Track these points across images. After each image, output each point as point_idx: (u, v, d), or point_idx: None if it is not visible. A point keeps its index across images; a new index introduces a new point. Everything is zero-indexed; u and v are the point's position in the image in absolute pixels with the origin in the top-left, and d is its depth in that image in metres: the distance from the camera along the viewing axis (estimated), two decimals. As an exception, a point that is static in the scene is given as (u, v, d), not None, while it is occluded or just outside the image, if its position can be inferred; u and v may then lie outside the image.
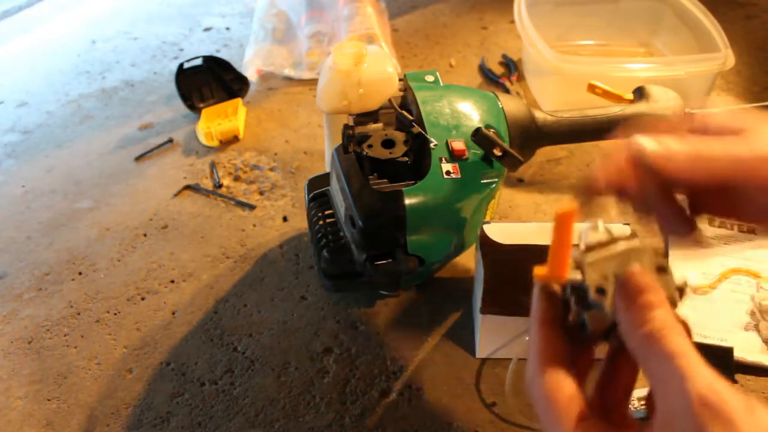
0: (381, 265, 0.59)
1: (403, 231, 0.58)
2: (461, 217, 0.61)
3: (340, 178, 0.60)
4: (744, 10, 1.18)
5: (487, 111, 0.64)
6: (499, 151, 0.58)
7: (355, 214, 0.58)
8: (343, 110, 0.65)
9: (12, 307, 0.73)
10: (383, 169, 0.59)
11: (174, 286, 0.74)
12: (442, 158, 0.59)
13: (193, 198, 0.85)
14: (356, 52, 0.64)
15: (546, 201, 0.81)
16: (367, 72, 0.64)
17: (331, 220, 0.65)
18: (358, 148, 0.59)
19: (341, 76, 0.63)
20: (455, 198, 0.59)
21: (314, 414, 0.60)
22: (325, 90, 0.66)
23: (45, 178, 0.91)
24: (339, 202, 0.63)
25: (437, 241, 0.62)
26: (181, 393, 0.63)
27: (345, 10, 1.13)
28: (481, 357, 0.64)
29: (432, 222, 0.59)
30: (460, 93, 0.65)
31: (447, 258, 0.67)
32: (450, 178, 0.58)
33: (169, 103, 1.03)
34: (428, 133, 0.60)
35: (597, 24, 1.05)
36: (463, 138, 0.60)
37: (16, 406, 0.63)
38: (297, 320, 0.69)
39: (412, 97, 0.63)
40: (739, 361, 0.61)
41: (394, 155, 0.58)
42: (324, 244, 0.64)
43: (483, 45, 1.12)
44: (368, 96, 0.64)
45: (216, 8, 1.32)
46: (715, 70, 0.83)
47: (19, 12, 1.37)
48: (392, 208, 0.57)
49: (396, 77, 0.65)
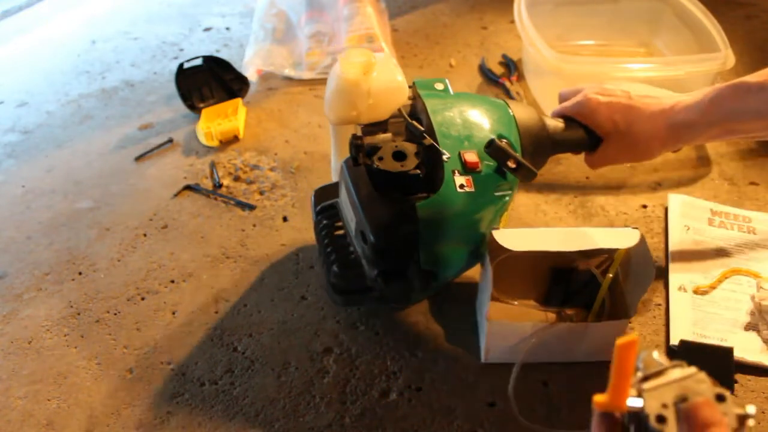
0: (393, 281, 0.58)
1: (416, 246, 0.57)
2: (476, 231, 0.59)
3: (350, 191, 0.59)
4: (744, 10, 1.18)
5: (499, 120, 0.62)
6: (513, 163, 0.56)
7: (366, 229, 0.56)
8: (352, 121, 0.63)
9: (12, 307, 0.73)
10: (394, 182, 0.57)
11: (174, 286, 0.74)
12: (455, 171, 0.57)
13: (193, 198, 0.85)
14: (365, 60, 0.62)
15: (546, 201, 0.81)
16: (377, 81, 0.62)
17: (340, 233, 0.63)
18: (369, 160, 0.57)
19: (350, 86, 0.62)
20: (469, 212, 0.57)
21: (314, 414, 0.60)
22: (333, 100, 0.64)
23: (45, 178, 0.91)
24: (349, 216, 0.61)
25: (451, 256, 0.60)
26: (181, 393, 0.63)
27: (345, 10, 1.13)
28: (487, 362, 0.63)
29: (446, 237, 0.58)
30: (470, 101, 0.63)
31: (460, 271, 0.66)
32: (464, 192, 0.56)
33: (169, 103, 1.03)
34: (440, 144, 0.58)
35: (597, 24, 1.05)
36: (476, 149, 0.58)
37: (16, 406, 0.63)
38: (297, 320, 0.69)
39: (421, 105, 0.62)
40: (739, 361, 0.61)
41: (406, 168, 0.56)
42: (334, 259, 0.62)
43: (483, 45, 1.12)
44: (378, 106, 0.62)
45: (216, 8, 1.32)
46: (715, 70, 0.83)
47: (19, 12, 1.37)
48: (405, 223, 0.55)
49: (406, 86, 0.63)
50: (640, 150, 0.66)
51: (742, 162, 0.85)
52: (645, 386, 0.34)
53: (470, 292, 0.69)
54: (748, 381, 0.61)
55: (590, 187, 0.83)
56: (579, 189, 0.82)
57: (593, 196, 0.81)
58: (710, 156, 0.86)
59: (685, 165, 0.85)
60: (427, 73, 1.07)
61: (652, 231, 0.76)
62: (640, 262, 0.62)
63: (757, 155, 0.86)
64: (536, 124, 0.64)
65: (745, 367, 0.61)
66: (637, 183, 0.83)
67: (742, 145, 0.88)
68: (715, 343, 0.63)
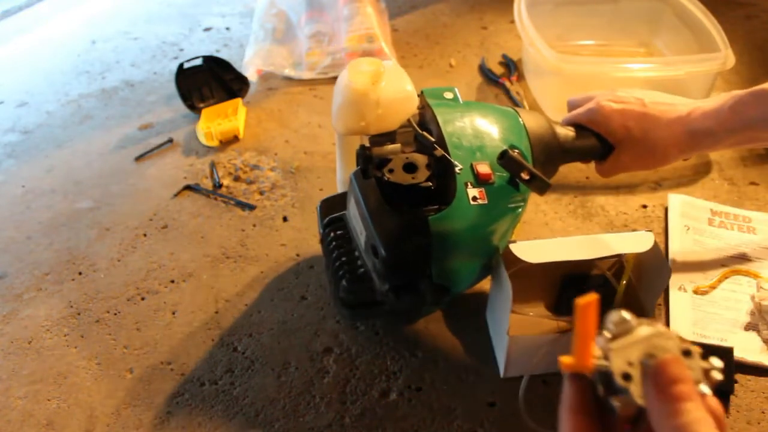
0: (405, 296, 0.56)
1: (429, 260, 0.55)
2: (489, 244, 0.58)
3: (360, 204, 0.57)
4: (744, 10, 1.18)
5: (509, 129, 0.60)
6: (526, 175, 0.55)
7: (377, 243, 0.54)
8: (360, 131, 0.61)
9: (12, 307, 0.73)
10: (405, 195, 0.55)
11: (174, 286, 0.74)
12: (467, 183, 0.56)
13: (193, 198, 0.85)
14: (374, 70, 0.61)
15: (546, 201, 0.81)
16: (386, 91, 0.60)
17: (348, 246, 0.62)
18: (379, 172, 0.55)
19: (358, 96, 0.60)
20: (482, 225, 0.56)
21: (314, 414, 0.60)
22: (341, 110, 0.62)
23: (45, 178, 0.91)
24: (358, 229, 0.59)
25: (463, 270, 0.59)
26: (181, 393, 0.63)
27: (345, 10, 1.13)
28: (508, 377, 0.62)
29: (459, 250, 0.56)
30: (480, 111, 0.62)
31: (472, 284, 0.65)
32: (477, 204, 0.55)
33: (169, 103, 1.03)
34: (451, 155, 0.56)
35: (597, 24, 1.05)
36: (488, 160, 0.57)
37: (16, 406, 0.63)
38: (297, 320, 0.69)
39: (431, 115, 0.60)
40: (739, 361, 0.61)
41: (417, 180, 0.55)
42: (343, 273, 0.60)
43: (483, 45, 1.12)
44: (387, 116, 0.60)
45: (216, 8, 1.32)
46: (715, 70, 0.83)
47: (19, 12, 1.37)
48: (417, 237, 0.54)
49: (415, 96, 0.62)
50: (657, 157, 0.65)
51: (742, 162, 0.85)
52: (612, 345, 0.34)
53: (470, 291, 0.69)
54: (748, 381, 0.61)
55: (590, 187, 0.83)
56: (579, 189, 0.82)
57: (593, 196, 0.81)
58: (710, 156, 0.86)
59: (685, 165, 0.85)
60: (427, 73, 1.07)
61: (652, 231, 0.76)
62: (652, 264, 0.61)
63: (757, 155, 0.86)
64: (547, 132, 0.63)
65: (745, 367, 0.61)
66: (637, 183, 0.83)
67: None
68: (715, 343, 0.63)
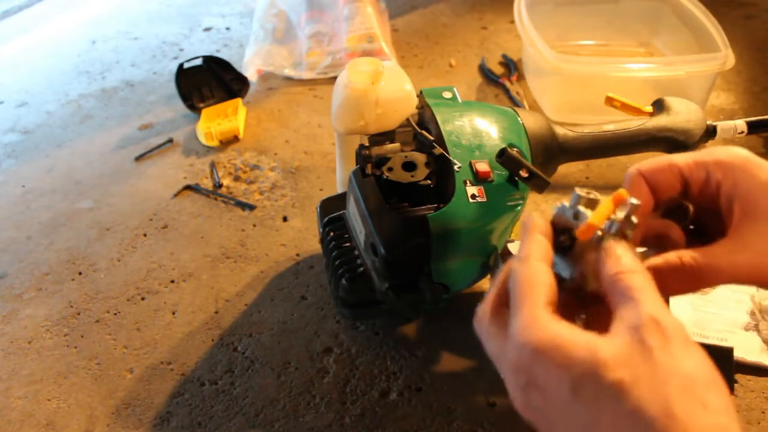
0: (404, 294, 0.56)
1: (428, 259, 0.56)
2: (488, 241, 0.58)
3: (359, 203, 0.57)
4: (744, 10, 1.18)
5: (509, 128, 0.61)
6: (525, 173, 0.55)
7: (377, 241, 0.55)
8: (359, 131, 0.62)
9: (12, 307, 0.73)
10: (404, 193, 0.56)
11: (174, 286, 0.74)
12: (466, 181, 0.56)
13: (193, 198, 0.85)
14: (373, 69, 0.61)
15: (546, 200, 0.81)
16: (385, 90, 0.61)
17: (348, 245, 0.62)
18: (378, 171, 0.56)
19: (357, 96, 0.61)
20: (482, 223, 0.56)
21: (314, 414, 0.60)
22: (340, 110, 0.63)
23: (45, 178, 0.91)
24: (358, 229, 0.60)
25: (463, 268, 0.59)
26: (181, 393, 0.63)
27: (345, 10, 1.13)
28: None
29: (458, 248, 0.57)
30: (479, 110, 0.62)
31: (471, 283, 0.65)
32: (476, 202, 0.55)
33: (169, 103, 1.03)
34: (450, 154, 0.57)
35: (597, 24, 1.05)
36: (487, 158, 0.57)
37: (16, 406, 0.63)
38: (297, 320, 0.69)
39: (430, 115, 0.61)
40: (739, 361, 0.61)
41: (416, 179, 0.55)
42: (342, 272, 0.61)
43: (483, 45, 1.12)
44: (386, 116, 0.61)
45: (216, 8, 1.32)
46: (715, 70, 0.83)
47: (19, 12, 1.37)
48: (416, 235, 0.54)
49: (414, 95, 0.63)
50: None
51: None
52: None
53: (469, 290, 0.69)
54: (748, 381, 0.61)
55: (590, 187, 0.82)
56: (579, 189, 0.82)
57: (593, 196, 0.81)
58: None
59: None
60: (427, 73, 1.07)
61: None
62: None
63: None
64: (546, 132, 0.63)
65: (745, 367, 0.61)
66: (637, 183, 0.83)
67: (743, 143, 0.87)
68: (715, 343, 0.63)
